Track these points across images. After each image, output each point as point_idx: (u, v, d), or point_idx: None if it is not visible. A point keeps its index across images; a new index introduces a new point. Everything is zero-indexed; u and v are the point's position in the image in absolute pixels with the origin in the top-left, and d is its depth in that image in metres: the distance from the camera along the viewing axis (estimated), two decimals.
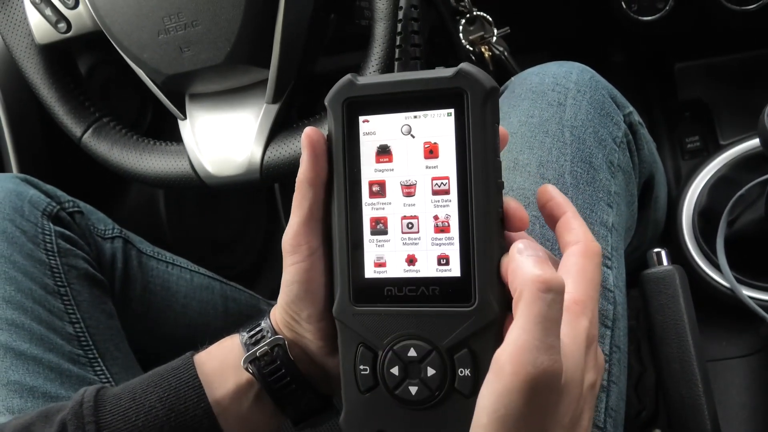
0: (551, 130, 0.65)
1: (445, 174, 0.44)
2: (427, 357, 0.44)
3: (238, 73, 0.78)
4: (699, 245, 1.02)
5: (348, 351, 0.46)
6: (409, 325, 0.44)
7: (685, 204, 1.04)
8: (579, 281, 0.43)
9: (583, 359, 0.42)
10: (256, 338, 0.54)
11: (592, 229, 0.62)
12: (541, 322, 0.39)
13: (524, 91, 0.69)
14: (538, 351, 0.38)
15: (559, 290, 0.40)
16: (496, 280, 0.44)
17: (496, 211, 0.44)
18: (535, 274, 0.40)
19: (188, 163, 0.82)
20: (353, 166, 0.45)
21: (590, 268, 0.43)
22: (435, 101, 0.44)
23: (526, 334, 0.39)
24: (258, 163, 0.78)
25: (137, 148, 0.85)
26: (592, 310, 0.43)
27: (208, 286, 0.92)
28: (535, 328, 0.39)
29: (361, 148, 0.45)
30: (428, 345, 0.44)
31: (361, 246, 0.46)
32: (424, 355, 0.44)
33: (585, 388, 0.42)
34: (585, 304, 0.43)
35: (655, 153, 0.80)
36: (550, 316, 0.39)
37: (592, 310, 0.43)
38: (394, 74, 0.46)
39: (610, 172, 0.66)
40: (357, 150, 0.45)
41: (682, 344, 0.73)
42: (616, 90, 0.72)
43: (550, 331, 0.39)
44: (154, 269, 0.88)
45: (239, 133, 0.79)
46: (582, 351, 0.42)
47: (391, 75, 0.46)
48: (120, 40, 0.78)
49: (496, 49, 1.00)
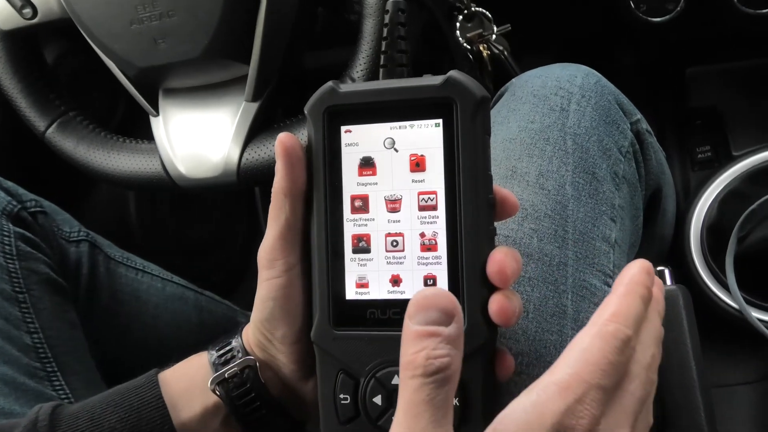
0: (552, 137, 0.65)
1: (432, 188, 0.44)
2: None
3: (216, 68, 0.77)
4: (707, 263, 1.01)
5: (327, 378, 0.46)
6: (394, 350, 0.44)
7: (693, 219, 1.04)
8: (572, 361, 0.40)
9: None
10: (225, 358, 0.54)
11: (594, 245, 0.61)
12: (417, 412, 0.36)
13: (525, 95, 0.69)
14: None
15: (436, 371, 0.36)
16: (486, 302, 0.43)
17: (487, 229, 0.44)
18: (408, 355, 0.37)
19: (159, 163, 0.81)
20: (334, 179, 0.45)
21: (596, 349, 0.40)
22: (422, 111, 0.44)
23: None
24: (235, 165, 0.77)
25: (105, 145, 0.85)
26: (580, 395, 0.38)
27: (182, 296, 0.91)
28: (408, 418, 0.36)
29: (343, 160, 0.45)
30: None
31: (342, 265, 0.45)
32: None
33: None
34: (569, 387, 0.39)
35: (663, 164, 0.80)
36: (432, 402, 0.36)
37: (580, 396, 0.38)
38: (379, 81, 0.46)
39: (614, 184, 0.66)
40: (338, 162, 0.45)
41: (684, 370, 0.73)
42: (623, 96, 0.72)
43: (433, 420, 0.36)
44: (122, 276, 0.87)
45: (216, 133, 0.79)
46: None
47: (375, 82, 0.46)
48: (90, 28, 0.78)
49: (495, 48, 1.00)
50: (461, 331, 0.37)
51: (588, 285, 0.59)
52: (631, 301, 0.41)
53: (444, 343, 0.36)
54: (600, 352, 0.39)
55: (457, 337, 0.37)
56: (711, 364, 0.77)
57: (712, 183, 1.07)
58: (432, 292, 0.38)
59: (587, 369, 0.39)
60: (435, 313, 0.37)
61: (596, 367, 0.39)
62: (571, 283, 0.59)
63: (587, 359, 0.39)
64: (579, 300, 0.59)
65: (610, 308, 0.41)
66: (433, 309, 0.37)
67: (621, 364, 0.40)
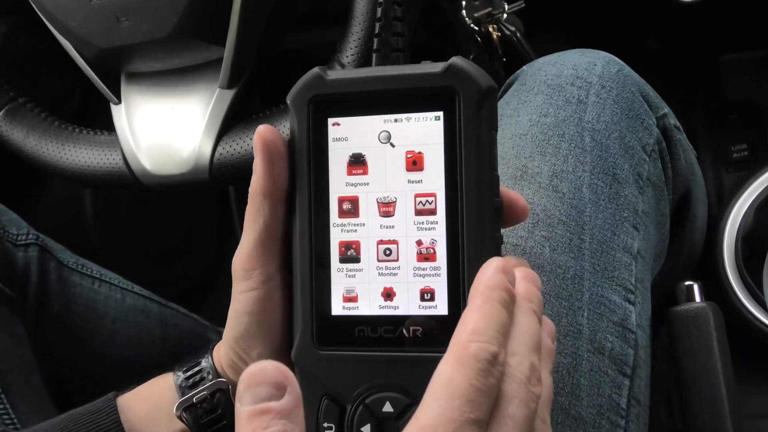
0: (568, 133, 0.65)
1: (431, 190, 0.44)
2: (406, 413, 0.43)
3: (186, 50, 0.77)
4: (742, 276, 1.02)
5: (309, 404, 0.45)
6: (385, 373, 0.44)
7: (727, 226, 1.04)
8: (435, 400, 0.38)
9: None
10: (193, 380, 0.54)
11: (614, 256, 0.62)
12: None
13: (538, 84, 0.69)
14: None
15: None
16: None
17: (493, 236, 0.44)
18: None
19: (121, 156, 0.81)
20: (319, 178, 0.45)
21: (460, 378, 0.38)
22: (420, 102, 0.44)
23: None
24: (207, 161, 0.77)
25: (59, 136, 0.84)
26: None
27: (144, 309, 0.91)
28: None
29: (330, 157, 0.45)
30: (407, 398, 0.44)
31: (328, 276, 0.45)
32: (402, 410, 0.44)
33: None
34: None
35: (693, 164, 0.80)
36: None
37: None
38: (372, 68, 0.46)
39: (637, 187, 0.66)
40: (325, 159, 0.45)
41: (714, 396, 0.74)
42: (648, 87, 0.72)
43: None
44: (77, 285, 0.87)
45: (185, 123, 0.79)
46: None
47: (367, 69, 0.46)
48: (43, 4, 0.78)
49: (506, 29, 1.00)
50: (297, 401, 0.38)
51: (606, 301, 0.60)
52: (490, 311, 0.40)
53: (277, 418, 0.37)
54: (464, 381, 0.38)
55: (292, 408, 0.37)
56: (744, 391, 0.77)
57: (748, 186, 1.07)
58: (257, 368, 0.38)
59: (453, 405, 0.37)
60: (264, 388, 0.37)
61: (463, 399, 0.37)
62: (587, 299, 0.59)
63: (452, 393, 0.38)
64: (596, 318, 0.59)
65: (468, 325, 0.40)
66: (261, 385, 0.37)
67: (491, 387, 0.38)
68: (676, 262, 0.85)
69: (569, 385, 0.57)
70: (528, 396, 0.40)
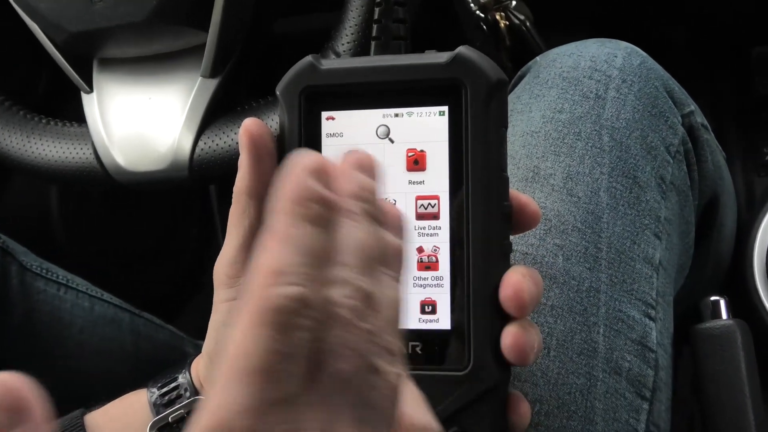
0: (585, 131, 0.65)
1: (433, 192, 0.44)
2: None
3: (165, 35, 0.78)
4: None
5: None
6: None
7: (758, 235, 1.04)
8: (224, 383, 0.32)
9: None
10: (169, 397, 0.54)
11: (633, 267, 0.62)
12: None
13: (552, 77, 0.69)
14: None
15: None
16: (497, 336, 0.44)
17: (501, 244, 0.44)
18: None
19: (92, 150, 0.81)
20: None
21: (255, 347, 0.31)
22: (423, 96, 0.44)
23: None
24: (186, 156, 0.78)
25: (23, 127, 0.84)
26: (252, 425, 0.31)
27: (114, 318, 0.91)
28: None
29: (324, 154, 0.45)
30: None
31: None
32: None
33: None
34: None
35: (722, 167, 0.81)
36: None
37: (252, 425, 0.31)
38: (370, 58, 0.46)
39: (660, 192, 0.66)
40: None
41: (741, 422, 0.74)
42: (673, 81, 0.73)
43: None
44: (41, 292, 0.87)
45: (163, 115, 0.79)
46: None
47: (365, 58, 0.46)
48: None
49: (515, 18, 1.01)
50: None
51: (624, 317, 0.60)
52: (296, 236, 0.33)
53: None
54: (262, 349, 0.31)
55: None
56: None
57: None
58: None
59: (251, 386, 0.31)
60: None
61: (263, 375, 0.31)
62: (603, 313, 0.59)
63: (248, 369, 0.31)
64: (613, 335, 0.59)
65: (265, 263, 0.33)
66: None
67: (301, 345, 0.32)
68: (701, 274, 0.85)
69: (582, 408, 0.57)
70: (355, 339, 0.33)
